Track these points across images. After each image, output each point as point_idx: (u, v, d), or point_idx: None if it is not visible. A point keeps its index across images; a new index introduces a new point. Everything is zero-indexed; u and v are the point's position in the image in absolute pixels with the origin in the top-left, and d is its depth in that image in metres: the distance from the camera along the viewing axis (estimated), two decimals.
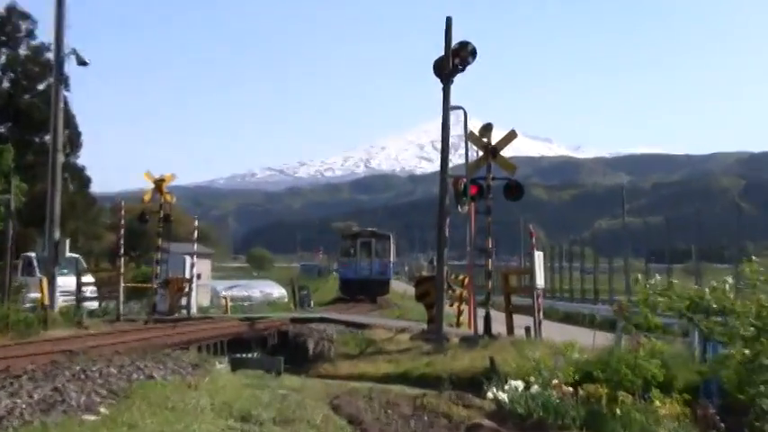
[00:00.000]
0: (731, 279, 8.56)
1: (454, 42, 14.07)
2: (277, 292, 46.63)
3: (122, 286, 21.32)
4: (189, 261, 23.90)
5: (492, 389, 8.52)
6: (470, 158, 15.22)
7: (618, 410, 7.32)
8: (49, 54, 32.03)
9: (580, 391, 7.80)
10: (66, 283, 22.02)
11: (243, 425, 6.62)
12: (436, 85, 14.26)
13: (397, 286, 51.77)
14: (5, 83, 39.61)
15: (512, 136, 15.32)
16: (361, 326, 16.87)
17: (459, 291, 18.82)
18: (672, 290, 8.41)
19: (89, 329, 16.66)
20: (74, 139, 39.53)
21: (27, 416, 6.10)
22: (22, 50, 39.93)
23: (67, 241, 21.39)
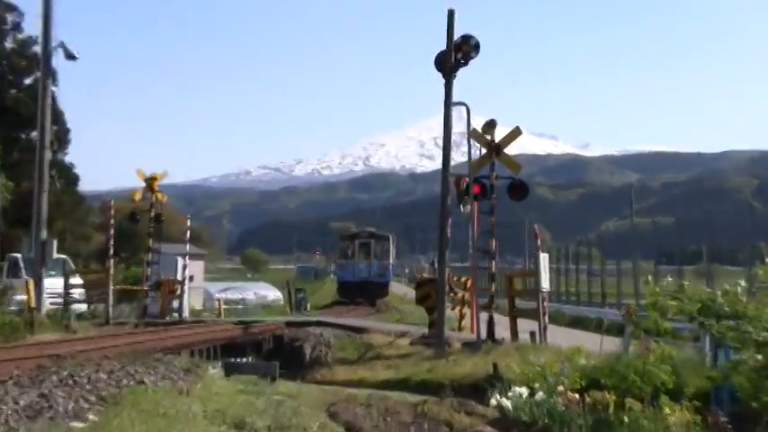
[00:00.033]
0: (744, 282, 8.55)
1: (457, 36, 14.08)
2: (272, 294, 46.71)
3: (112, 288, 21.30)
4: (181, 262, 23.90)
5: (495, 396, 8.52)
6: (473, 156, 15.23)
7: (626, 418, 7.31)
8: (37, 47, 32.06)
9: (587, 398, 7.79)
10: (54, 284, 22.00)
11: None
12: (438, 81, 14.29)
13: (397, 289, 51.78)
14: None
15: (516, 133, 15.34)
16: (360, 330, 16.89)
17: (461, 294, 18.82)
18: (683, 293, 8.41)
19: (77, 333, 16.68)
20: (62, 136, 39.55)
21: (12, 423, 6.10)
22: (8, 43, 39.97)
23: (55, 241, 21.39)
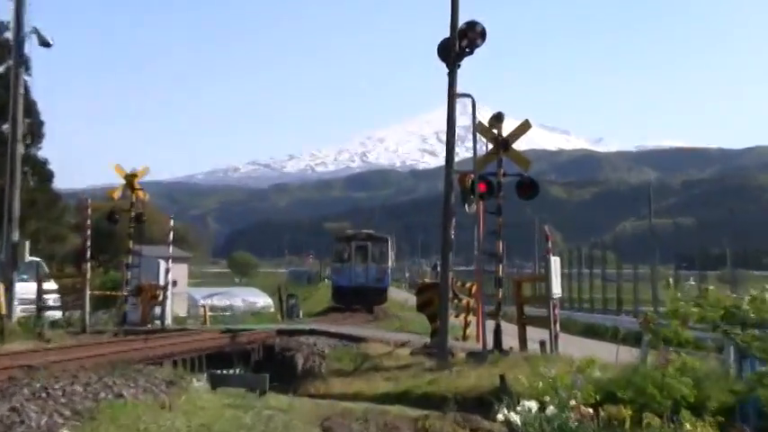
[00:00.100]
0: None
1: (461, 22, 14.07)
2: (262, 300, 46.70)
3: (89, 294, 21.26)
4: (163, 266, 23.88)
5: (502, 410, 8.49)
6: (479, 152, 15.22)
7: None
8: (8, 33, 31.96)
9: (601, 413, 7.78)
10: (26, 290, 21.95)
11: None
12: (441, 71, 14.28)
13: (397, 295, 51.79)
14: None
15: (525, 127, 15.33)
16: (356, 339, 16.89)
17: (465, 300, 18.81)
18: (705, 299, 8.40)
19: (51, 342, 16.63)
20: (35, 129, 39.39)
21: None
22: None
23: (27, 243, 21.34)
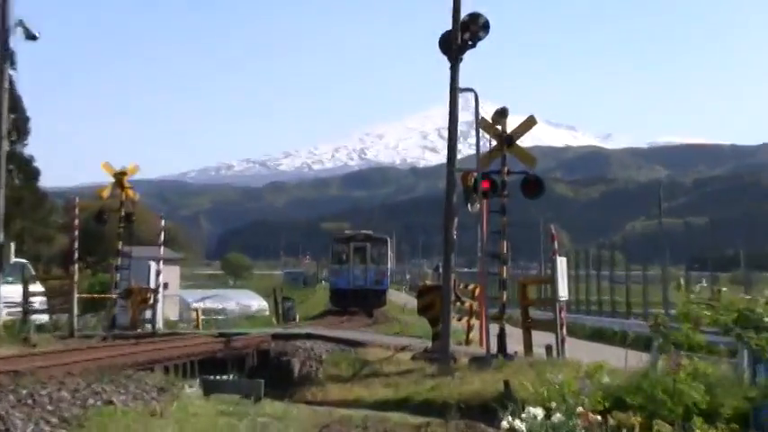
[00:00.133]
0: None
1: (464, 14, 14.07)
2: (257, 303, 46.66)
3: (76, 297, 21.26)
4: (154, 267, 23.87)
5: (507, 417, 8.48)
6: (482, 149, 15.22)
7: None
8: None
9: (610, 420, 7.77)
10: (11, 292, 21.95)
11: None
12: (443, 64, 14.29)
13: (397, 297, 51.85)
14: None
15: (530, 123, 15.33)
16: (355, 343, 16.88)
17: (468, 303, 18.81)
18: (718, 301, 8.40)
19: (37, 347, 16.61)
20: (20, 125, 39.47)
21: None
22: None
23: (13, 244, 21.35)
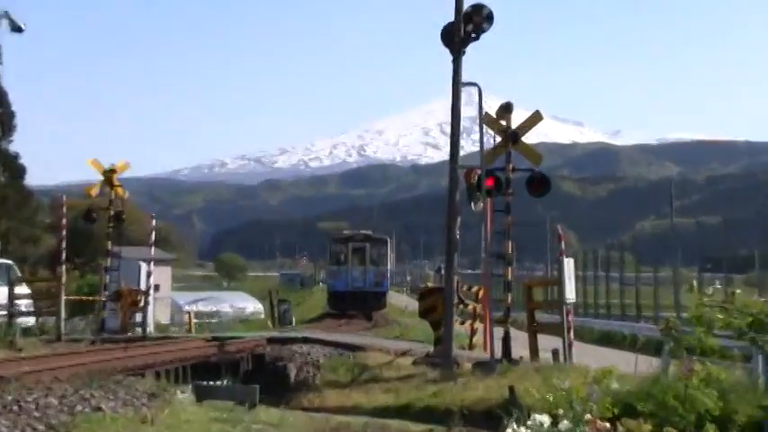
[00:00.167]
0: None
1: (467, 5, 14.05)
2: (251, 306, 46.79)
3: (64, 299, 21.26)
4: (145, 269, 23.87)
5: (512, 425, 8.47)
6: (486, 145, 15.20)
7: None
8: None
9: (619, 428, 7.77)
10: None
11: None
12: (445, 57, 14.25)
13: (397, 300, 51.88)
14: None
15: (536, 118, 15.31)
16: (353, 348, 16.88)
17: (472, 305, 18.81)
18: (732, 303, 8.39)
19: (23, 351, 16.61)
20: (6, 120, 39.53)
21: None
22: None
23: None
